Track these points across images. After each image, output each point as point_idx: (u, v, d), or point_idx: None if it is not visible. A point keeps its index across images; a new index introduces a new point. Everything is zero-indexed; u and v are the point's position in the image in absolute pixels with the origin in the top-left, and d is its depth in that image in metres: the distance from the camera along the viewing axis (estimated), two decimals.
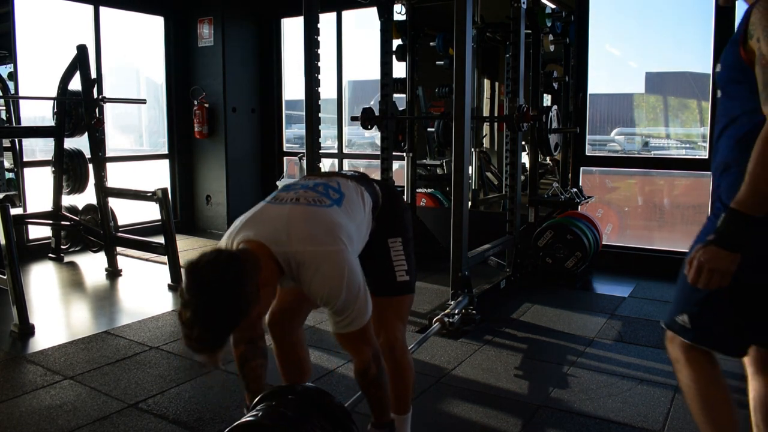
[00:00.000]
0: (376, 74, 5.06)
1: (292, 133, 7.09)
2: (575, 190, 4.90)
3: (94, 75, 4.78)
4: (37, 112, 5.20)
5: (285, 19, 6.68)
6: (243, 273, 1.46)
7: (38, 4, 5.44)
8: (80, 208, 5.17)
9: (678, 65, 5.29)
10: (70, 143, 4.87)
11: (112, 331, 3.42)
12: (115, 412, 2.47)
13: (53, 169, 4.85)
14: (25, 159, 5.20)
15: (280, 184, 6.25)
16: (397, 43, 5.11)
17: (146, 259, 5.12)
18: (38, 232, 5.31)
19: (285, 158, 6.89)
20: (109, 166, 5.03)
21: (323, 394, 1.74)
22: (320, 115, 4.18)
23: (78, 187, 4.87)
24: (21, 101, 5.07)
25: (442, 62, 5.43)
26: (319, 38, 4.11)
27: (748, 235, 1.38)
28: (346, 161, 6.53)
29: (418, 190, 5.55)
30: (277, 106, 6.81)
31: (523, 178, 5.07)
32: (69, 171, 4.84)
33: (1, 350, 3.16)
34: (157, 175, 6.41)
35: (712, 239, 1.42)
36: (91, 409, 2.49)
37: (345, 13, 6.18)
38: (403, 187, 5.27)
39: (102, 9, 5.76)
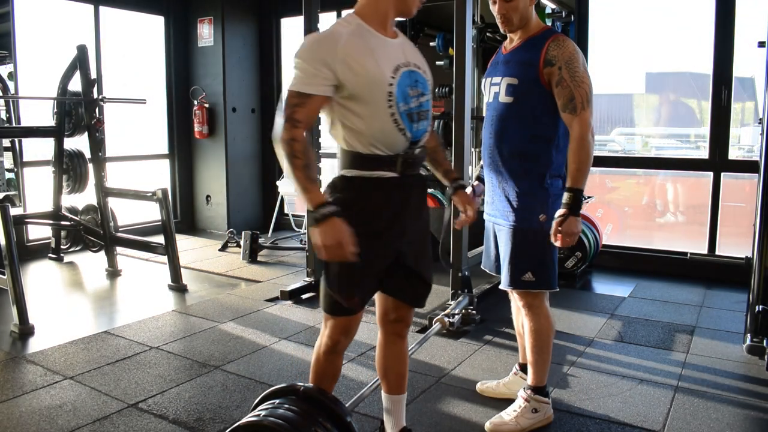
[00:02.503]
0: None
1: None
2: None
3: (94, 75, 4.78)
4: (37, 113, 5.19)
5: (285, 19, 6.68)
6: None
7: (38, 4, 5.44)
8: (80, 208, 5.17)
9: (678, 65, 5.29)
10: (70, 143, 4.87)
11: (112, 331, 3.42)
12: (115, 412, 2.47)
13: (53, 169, 4.85)
14: (25, 159, 5.21)
15: (279, 184, 6.25)
16: None
17: (146, 259, 5.13)
18: (38, 232, 5.31)
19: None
20: (109, 166, 5.03)
21: (324, 394, 1.74)
22: (320, 115, 4.18)
23: (78, 187, 4.87)
24: (21, 101, 5.07)
25: (442, 62, 5.42)
26: None
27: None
28: None
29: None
30: (277, 106, 6.79)
31: None
32: (69, 171, 4.85)
33: (1, 350, 3.16)
34: (157, 175, 6.41)
35: (567, 212, 2.00)
36: (91, 409, 2.49)
37: (345, 13, 6.17)
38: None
39: (102, 9, 5.76)
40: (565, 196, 2.03)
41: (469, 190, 2.30)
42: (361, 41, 1.68)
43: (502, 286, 2.30)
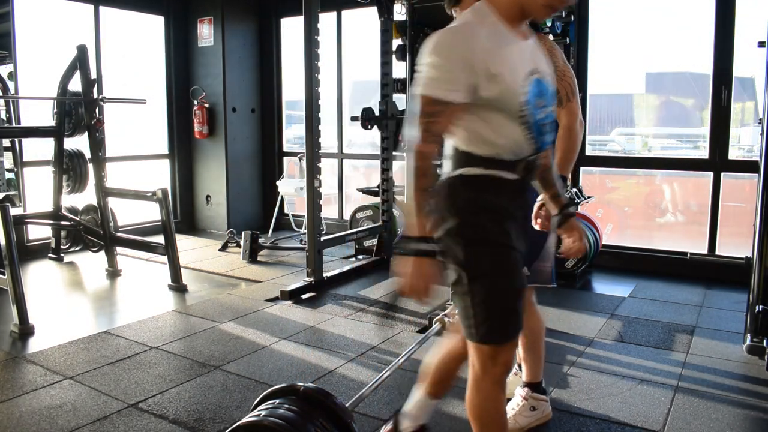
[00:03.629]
0: (376, 74, 5.07)
1: (292, 133, 7.09)
2: (575, 190, 4.89)
3: (94, 75, 4.78)
4: (37, 113, 5.19)
5: (285, 19, 6.68)
6: None
7: (38, 4, 5.44)
8: (80, 208, 5.17)
9: (678, 65, 5.28)
10: (70, 143, 4.87)
11: (112, 331, 3.42)
12: (115, 412, 2.46)
13: (53, 169, 4.85)
14: (25, 159, 5.21)
15: (279, 184, 6.25)
16: (397, 43, 5.11)
17: (146, 259, 5.13)
18: (38, 232, 5.31)
19: (285, 158, 6.89)
20: (109, 166, 5.03)
21: (324, 394, 1.74)
22: (320, 115, 4.18)
23: (78, 187, 4.87)
24: (21, 101, 5.07)
25: None
26: (319, 38, 4.11)
27: None
28: (346, 161, 6.53)
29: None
30: (277, 106, 6.81)
31: None
32: (69, 171, 4.85)
33: (1, 350, 3.16)
34: (157, 175, 6.41)
35: (564, 208, 1.84)
36: (91, 409, 2.49)
37: (345, 13, 6.17)
38: (404, 187, 5.26)
39: (102, 9, 5.76)
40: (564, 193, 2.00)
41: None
42: (498, 42, 1.48)
43: None
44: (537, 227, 1.94)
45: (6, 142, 4.81)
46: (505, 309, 1.56)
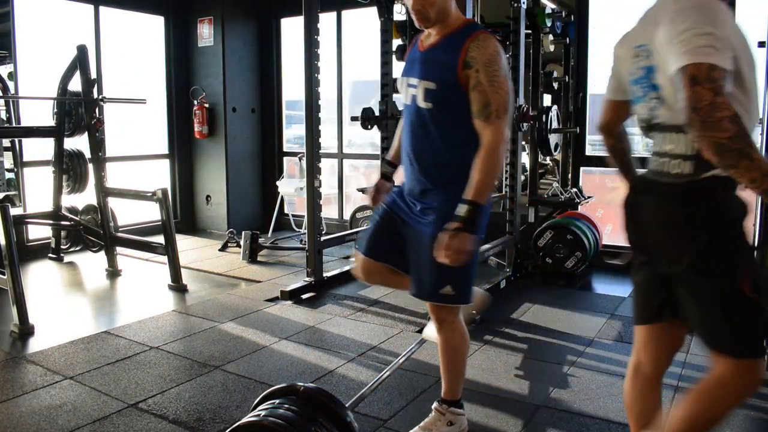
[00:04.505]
0: (376, 74, 5.07)
1: (292, 133, 7.09)
2: (575, 190, 4.90)
3: (94, 75, 4.78)
4: (37, 113, 5.19)
5: (285, 19, 6.68)
6: None
7: (38, 4, 5.44)
8: (80, 208, 5.17)
9: None
10: (70, 143, 4.87)
11: (112, 331, 3.42)
12: (115, 412, 2.47)
13: (53, 169, 4.85)
14: (25, 159, 5.21)
15: (279, 184, 6.25)
16: (397, 43, 5.11)
17: (146, 259, 5.13)
18: (38, 232, 5.31)
19: (285, 158, 6.89)
20: (109, 166, 5.03)
21: (324, 394, 1.74)
22: (320, 115, 4.18)
23: (78, 187, 4.87)
24: (21, 101, 5.07)
25: None
26: (319, 38, 4.11)
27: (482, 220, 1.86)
28: (346, 161, 6.53)
29: None
30: (277, 106, 6.81)
31: (523, 178, 5.07)
32: (69, 171, 4.84)
33: (1, 350, 3.16)
34: (157, 175, 6.41)
35: (461, 227, 1.79)
36: (91, 409, 2.49)
37: (345, 13, 6.18)
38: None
39: (102, 9, 5.76)
40: (462, 209, 1.81)
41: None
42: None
43: (413, 294, 2.08)
44: (443, 260, 1.83)
45: (6, 142, 4.82)
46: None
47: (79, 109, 4.66)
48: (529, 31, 4.71)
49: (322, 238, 4.37)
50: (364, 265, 2.20)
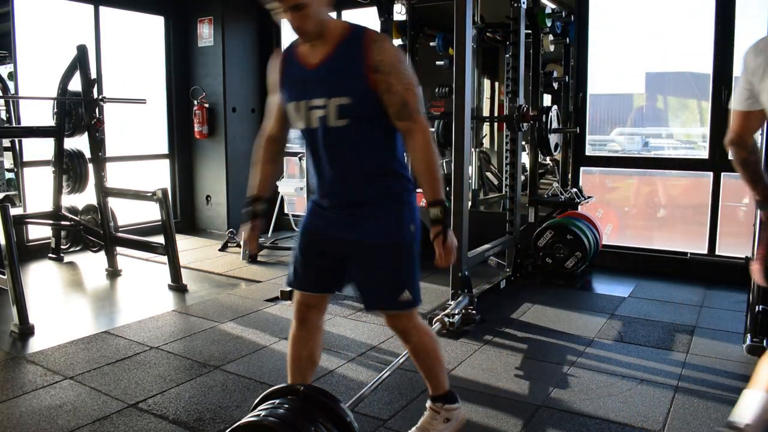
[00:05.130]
0: None
1: (292, 133, 7.08)
2: (575, 190, 4.90)
3: (94, 75, 4.78)
4: (37, 113, 5.19)
5: (285, 19, 6.67)
6: None
7: (38, 4, 5.44)
8: (80, 208, 5.17)
9: (678, 65, 5.28)
10: (70, 143, 4.87)
11: (112, 331, 3.42)
12: (115, 412, 2.47)
13: (53, 169, 4.85)
14: (25, 159, 5.21)
15: (279, 184, 6.25)
16: (397, 43, 5.11)
17: (146, 259, 5.13)
18: (38, 232, 5.31)
19: (285, 158, 6.88)
20: (109, 166, 5.03)
21: (324, 394, 1.74)
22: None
23: (78, 187, 4.87)
24: (21, 101, 5.07)
25: (442, 62, 5.42)
26: None
27: None
28: None
29: (418, 190, 5.53)
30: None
31: (523, 178, 5.07)
32: (69, 171, 4.85)
33: (1, 350, 3.16)
34: (157, 175, 6.41)
35: (442, 228, 1.86)
36: (91, 409, 2.49)
37: (345, 13, 6.17)
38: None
39: (102, 9, 5.76)
40: (433, 212, 1.86)
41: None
42: None
43: (372, 308, 2.09)
44: (443, 263, 1.93)
45: (6, 142, 4.82)
46: None
47: (79, 109, 4.66)
48: (529, 31, 4.70)
49: None
50: (307, 301, 2.05)
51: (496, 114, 6.66)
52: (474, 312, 3.47)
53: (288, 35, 7.30)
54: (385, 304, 2.00)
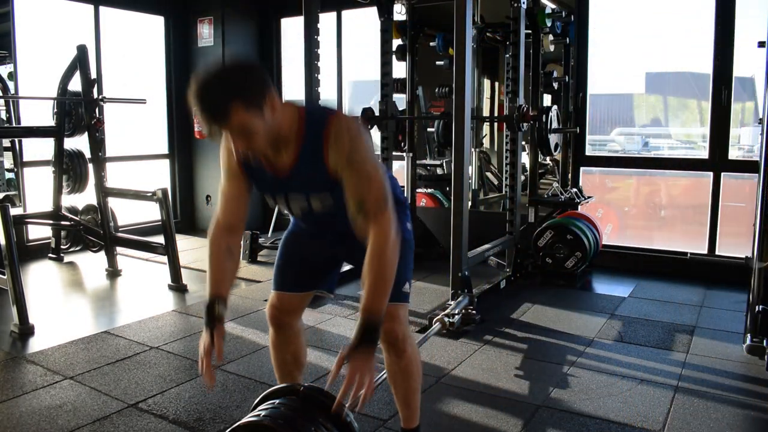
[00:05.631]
0: (376, 74, 5.06)
1: None
2: (575, 190, 4.90)
3: (94, 75, 4.78)
4: (37, 113, 5.20)
5: (285, 19, 6.68)
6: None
7: (38, 4, 5.44)
8: (80, 208, 5.17)
9: (678, 65, 5.29)
10: (70, 143, 4.87)
11: (112, 331, 3.42)
12: (115, 412, 2.47)
13: (53, 169, 4.85)
14: (25, 159, 5.21)
15: None
16: (397, 43, 5.11)
17: (146, 259, 5.13)
18: (38, 232, 5.31)
19: None
20: (109, 166, 5.03)
21: (324, 394, 1.74)
22: None
23: (78, 187, 4.87)
24: (21, 101, 5.07)
25: (442, 62, 5.43)
26: (319, 38, 4.11)
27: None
28: None
29: (418, 190, 5.55)
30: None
31: (523, 178, 5.07)
32: (69, 171, 4.85)
33: (1, 350, 3.16)
34: (157, 175, 6.41)
35: (357, 343, 1.59)
36: (91, 409, 2.49)
37: (345, 13, 6.17)
38: (404, 187, 5.27)
39: (102, 9, 5.76)
40: (360, 323, 1.59)
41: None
42: None
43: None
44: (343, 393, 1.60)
45: (6, 142, 4.82)
46: None
47: (79, 109, 4.66)
48: (529, 31, 4.70)
49: None
50: (281, 306, 1.99)
51: (496, 114, 6.66)
52: (474, 312, 3.47)
53: (288, 35, 7.22)
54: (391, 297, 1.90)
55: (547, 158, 5.83)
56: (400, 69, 5.21)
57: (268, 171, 1.70)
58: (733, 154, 4.65)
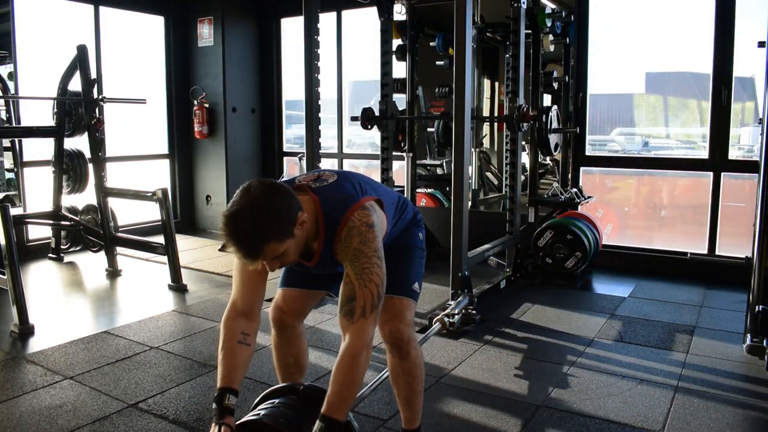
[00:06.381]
0: (376, 74, 5.06)
1: (292, 133, 7.09)
2: (575, 190, 4.90)
3: (94, 75, 4.78)
4: (37, 113, 5.20)
5: (285, 19, 6.68)
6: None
7: (38, 4, 5.44)
8: (80, 208, 5.17)
9: (678, 65, 5.29)
10: (70, 143, 4.87)
11: (112, 331, 3.42)
12: (115, 412, 2.46)
13: (53, 169, 4.85)
14: (25, 159, 5.20)
15: None
16: (397, 43, 5.11)
17: (146, 259, 5.12)
18: (38, 232, 5.31)
19: (285, 158, 6.89)
20: (109, 166, 5.03)
21: (324, 393, 1.73)
22: (320, 115, 4.18)
23: (78, 187, 4.87)
24: (21, 101, 5.07)
25: (442, 62, 5.42)
26: (319, 38, 4.10)
27: None
28: (346, 161, 6.53)
29: (418, 190, 5.55)
30: (277, 106, 6.81)
31: (523, 178, 5.07)
32: (69, 171, 4.84)
33: (1, 350, 3.16)
34: (157, 175, 6.41)
35: None
36: (91, 409, 2.49)
37: (345, 13, 6.18)
38: (403, 187, 5.27)
39: (102, 9, 5.76)
40: (317, 427, 1.54)
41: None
42: None
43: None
44: None
45: (6, 142, 4.81)
46: None
47: (79, 109, 4.66)
48: (529, 31, 4.70)
49: None
50: (284, 307, 2.04)
51: (496, 114, 6.66)
52: (474, 312, 3.47)
53: (288, 35, 7.24)
54: (399, 290, 1.93)
55: (547, 158, 5.83)
56: (400, 69, 5.22)
57: (293, 266, 1.91)
58: (733, 154, 4.65)
